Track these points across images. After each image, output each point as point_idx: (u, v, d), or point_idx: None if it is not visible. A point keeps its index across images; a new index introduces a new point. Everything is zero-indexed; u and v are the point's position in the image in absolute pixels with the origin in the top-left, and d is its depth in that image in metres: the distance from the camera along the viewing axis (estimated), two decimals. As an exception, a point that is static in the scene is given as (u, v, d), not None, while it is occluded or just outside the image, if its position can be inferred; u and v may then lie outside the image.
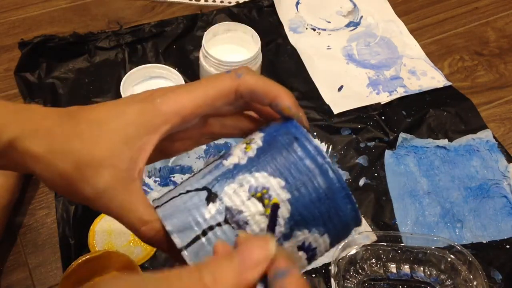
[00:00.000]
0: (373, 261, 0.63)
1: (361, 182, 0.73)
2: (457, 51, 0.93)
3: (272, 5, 0.96)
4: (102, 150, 0.32)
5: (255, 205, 0.32)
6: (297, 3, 0.97)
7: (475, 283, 0.60)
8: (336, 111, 0.81)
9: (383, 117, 0.81)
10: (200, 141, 0.39)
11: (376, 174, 0.74)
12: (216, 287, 0.24)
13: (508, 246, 0.68)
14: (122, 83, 0.70)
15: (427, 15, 0.99)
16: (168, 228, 0.32)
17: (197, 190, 0.33)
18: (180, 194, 0.33)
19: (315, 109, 0.81)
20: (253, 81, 0.35)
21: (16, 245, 0.64)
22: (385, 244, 0.63)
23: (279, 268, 0.26)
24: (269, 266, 0.26)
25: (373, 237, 0.63)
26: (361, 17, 0.96)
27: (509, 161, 0.76)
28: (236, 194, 0.32)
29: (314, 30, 0.93)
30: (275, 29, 0.93)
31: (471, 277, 0.60)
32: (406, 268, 0.64)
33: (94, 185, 0.32)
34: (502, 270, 0.65)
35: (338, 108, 0.81)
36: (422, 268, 0.63)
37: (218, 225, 0.32)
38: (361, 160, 0.75)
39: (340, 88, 0.84)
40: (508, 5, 1.02)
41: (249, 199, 0.32)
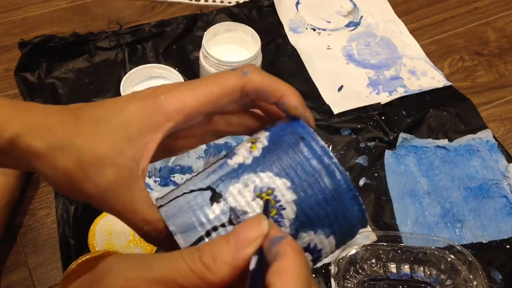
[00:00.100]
0: (373, 261, 0.63)
1: (361, 182, 0.73)
2: (457, 51, 0.93)
3: (272, 5, 0.96)
4: (105, 149, 0.32)
5: (260, 206, 0.31)
6: (297, 3, 0.97)
7: (475, 283, 0.60)
8: (336, 111, 0.81)
9: (383, 117, 0.81)
10: (205, 139, 0.39)
11: (376, 174, 0.74)
12: (215, 265, 0.25)
13: (508, 246, 0.68)
14: (122, 83, 0.70)
15: (427, 15, 0.99)
16: (171, 229, 0.31)
17: (201, 190, 0.32)
18: (184, 194, 0.33)
19: (315, 109, 0.81)
20: (259, 80, 0.34)
21: (16, 245, 0.64)
22: (385, 244, 0.63)
23: (274, 236, 0.27)
24: (264, 241, 0.27)
25: (373, 237, 0.63)
26: (361, 17, 0.96)
27: (509, 161, 0.76)
28: (241, 195, 0.31)
29: (314, 30, 0.93)
30: (275, 29, 0.93)
31: (471, 277, 0.60)
32: (406, 268, 0.64)
33: (97, 184, 0.32)
34: (502, 270, 0.65)
35: (338, 108, 0.81)
36: (422, 268, 0.63)
37: (222, 226, 0.31)
38: (361, 160, 0.75)
39: (340, 88, 0.84)
40: (508, 5, 1.02)
41: (254, 200, 0.31)
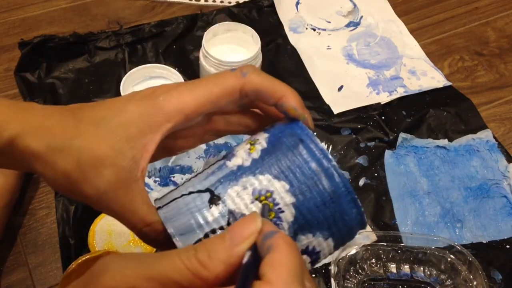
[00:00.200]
0: (373, 261, 0.63)
1: (361, 182, 0.73)
2: (457, 51, 0.93)
3: (272, 5, 0.96)
4: (104, 149, 0.32)
5: (259, 209, 0.31)
6: (297, 3, 0.97)
7: (475, 283, 0.60)
8: (336, 111, 0.81)
9: (383, 117, 0.81)
10: (204, 138, 0.39)
11: (376, 174, 0.74)
12: (210, 263, 0.26)
13: (508, 246, 0.68)
14: (122, 83, 0.70)
15: (427, 15, 0.98)
16: (170, 231, 0.31)
17: (200, 192, 0.32)
18: (183, 195, 0.33)
19: (315, 109, 0.81)
20: (259, 81, 0.34)
21: (16, 245, 0.64)
22: (385, 244, 0.63)
23: (267, 231, 0.27)
24: (258, 237, 0.27)
25: (373, 237, 0.63)
26: (361, 17, 0.96)
27: (509, 161, 0.76)
28: (240, 197, 0.31)
29: (314, 30, 0.93)
30: (275, 29, 0.93)
31: (471, 277, 0.60)
32: (406, 268, 0.64)
33: (96, 185, 0.32)
34: (502, 270, 0.65)
35: (338, 108, 0.81)
36: (422, 268, 0.63)
37: (221, 229, 0.31)
38: (361, 160, 0.75)
39: (340, 88, 0.84)
40: (508, 5, 1.02)
41: (253, 203, 0.31)
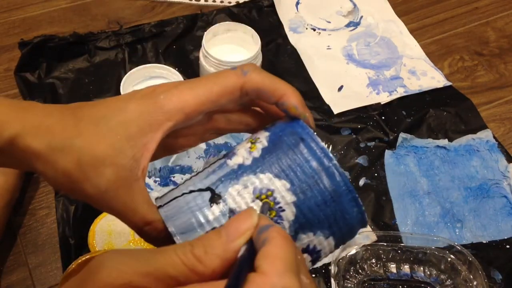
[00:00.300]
0: (373, 261, 0.63)
1: (361, 182, 0.73)
2: (457, 51, 0.93)
3: (272, 5, 0.96)
4: (104, 148, 0.32)
5: (260, 208, 0.31)
6: (297, 3, 0.97)
7: (475, 283, 0.60)
8: (336, 111, 0.81)
9: (383, 117, 0.81)
10: (205, 137, 0.39)
11: (376, 174, 0.74)
12: (207, 257, 0.26)
13: (508, 246, 0.68)
14: (122, 83, 0.70)
15: (427, 15, 0.98)
16: (171, 230, 0.31)
17: (201, 191, 0.32)
18: (183, 194, 0.33)
19: (315, 109, 0.81)
20: (259, 79, 0.34)
21: (16, 245, 0.64)
22: (385, 244, 0.63)
23: (262, 225, 0.27)
24: (254, 232, 0.27)
25: (373, 237, 0.63)
26: (361, 17, 0.96)
27: (509, 161, 0.76)
28: (240, 196, 0.31)
29: (314, 30, 0.93)
30: (275, 29, 0.93)
31: (471, 277, 0.60)
32: (406, 268, 0.64)
33: (97, 184, 0.32)
34: (502, 270, 0.65)
35: (338, 108, 0.81)
36: (422, 268, 0.63)
37: None
38: (361, 160, 0.75)
39: (340, 88, 0.84)
40: (508, 5, 1.02)
41: (254, 201, 0.31)
